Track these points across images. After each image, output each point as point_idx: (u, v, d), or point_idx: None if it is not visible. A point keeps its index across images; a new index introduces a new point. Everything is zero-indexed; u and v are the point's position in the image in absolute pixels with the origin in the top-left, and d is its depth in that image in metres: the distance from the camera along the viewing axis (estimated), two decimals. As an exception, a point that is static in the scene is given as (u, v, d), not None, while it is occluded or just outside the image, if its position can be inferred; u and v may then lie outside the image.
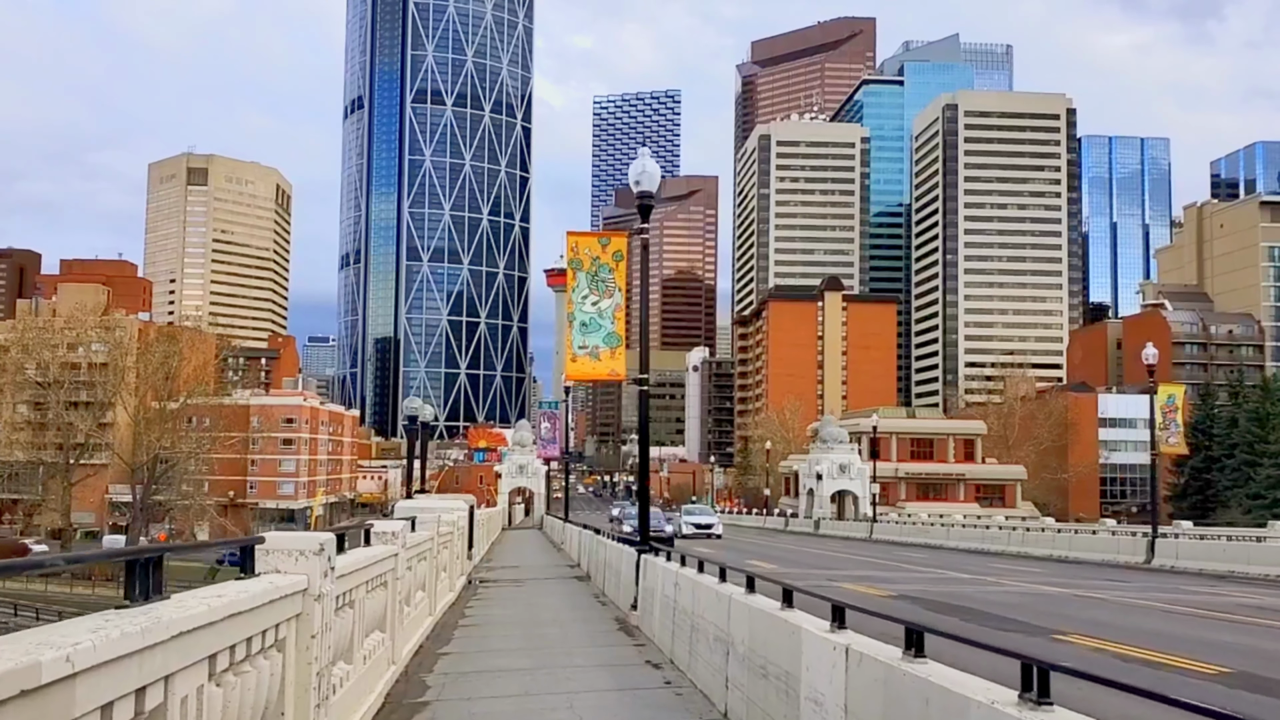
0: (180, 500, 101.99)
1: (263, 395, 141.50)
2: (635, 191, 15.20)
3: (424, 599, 14.22)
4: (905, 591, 20.31)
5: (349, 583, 7.66)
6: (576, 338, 15.76)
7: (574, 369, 16.08)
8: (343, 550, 8.53)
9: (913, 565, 30.88)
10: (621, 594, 17.35)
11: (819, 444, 70.52)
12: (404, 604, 11.55)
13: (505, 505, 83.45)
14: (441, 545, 17.67)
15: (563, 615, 17.29)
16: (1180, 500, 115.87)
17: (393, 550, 10.27)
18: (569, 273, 15.89)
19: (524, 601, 19.74)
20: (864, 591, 19.97)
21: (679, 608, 11.21)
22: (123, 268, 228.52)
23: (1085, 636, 13.64)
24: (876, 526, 53.92)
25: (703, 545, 37.41)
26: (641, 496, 16.42)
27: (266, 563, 6.15)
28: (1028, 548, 38.46)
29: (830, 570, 26.79)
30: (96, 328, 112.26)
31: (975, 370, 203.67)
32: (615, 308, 15.75)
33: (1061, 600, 19.80)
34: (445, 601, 17.99)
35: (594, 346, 15.77)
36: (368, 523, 10.63)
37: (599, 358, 15.80)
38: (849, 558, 34.21)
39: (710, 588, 9.69)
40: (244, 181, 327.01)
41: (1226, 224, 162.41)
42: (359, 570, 8.13)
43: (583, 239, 16.01)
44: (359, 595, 8.45)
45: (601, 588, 21.50)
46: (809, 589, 7.71)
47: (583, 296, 15.68)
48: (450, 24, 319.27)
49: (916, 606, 17.26)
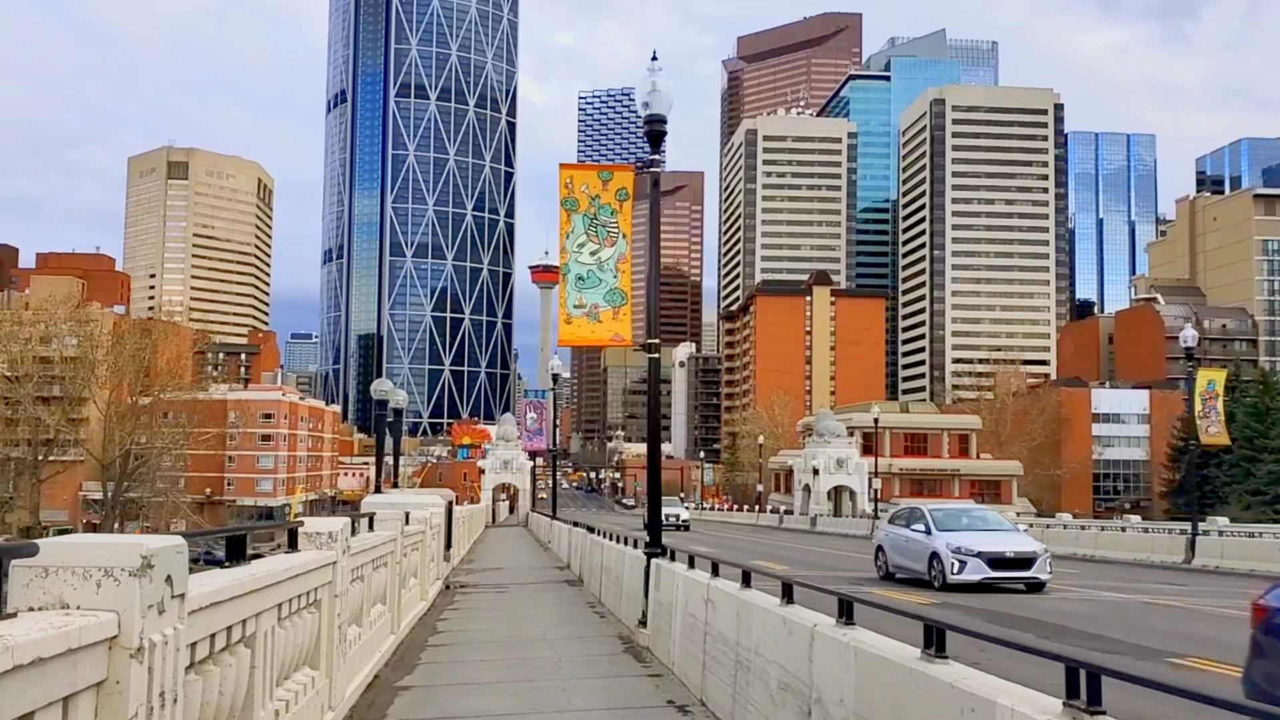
0: (154, 497, 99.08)
1: (240, 390, 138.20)
2: (644, 116, 12.52)
3: (383, 615, 11.48)
4: (947, 599, 17.66)
5: (218, 619, 4.84)
6: (571, 294, 12.93)
7: (569, 332, 13.21)
8: (241, 559, 5.80)
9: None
10: (624, 605, 14.70)
11: (815, 438, 68.00)
12: (348, 627, 8.79)
13: (489, 502, 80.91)
14: (410, 547, 14.92)
15: (554, 630, 14.50)
16: (1177, 496, 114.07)
17: (326, 558, 7.50)
18: (561, 215, 13.00)
19: (508, 612, 17.05)
20: (910, 601, 17.33)
21: (713, 633, 8.42)
22: (100, 261, 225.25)
23: (1208, 661, 11.00)
24: (878, 524, 51.23)
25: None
26: (652, 488, 13.58)
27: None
28: (1048, 546, 35.86)
29: (847, 572, 24.14)
30: (67, 320, 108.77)
31: (962, 366, 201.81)
32: (619, 258, 12.96)
33: (1136, 610, 17.17)
34: (416, 612, 15.25)
35: (592, 306, 12.99)
36: (297, 520, 7.85)
37: (598, 319, 13.00)
38: (862, 558, 31.48)
39: (772, 612, 6.89)
40: (225, 175, 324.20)
41: (1220, 217, 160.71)
42: (249, 595, 5.32)
43: (579, 173, 13.12)
44: (264, 626, 5.70)
45: (597, 594, 18.85)
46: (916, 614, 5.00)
47: (579, 244, 12.86)
48: (434, 18, 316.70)
49: (976, 618, 14.62)
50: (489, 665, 11.56)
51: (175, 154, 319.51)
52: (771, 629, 6.72)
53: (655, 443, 13.36)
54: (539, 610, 17.34)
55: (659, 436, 13.17)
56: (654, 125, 12.54)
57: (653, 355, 12.81)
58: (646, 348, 12.82)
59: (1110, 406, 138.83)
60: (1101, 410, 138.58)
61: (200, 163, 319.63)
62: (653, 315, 12.94)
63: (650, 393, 13.34)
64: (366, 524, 11.87)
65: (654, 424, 13.28)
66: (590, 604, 18.16)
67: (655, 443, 13.36)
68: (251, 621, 5.44)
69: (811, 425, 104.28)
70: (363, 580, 9.77)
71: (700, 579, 9.45)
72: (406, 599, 14.00)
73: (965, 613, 15.63)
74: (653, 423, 13.30)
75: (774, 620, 6.69)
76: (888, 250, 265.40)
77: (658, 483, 13.23)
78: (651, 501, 13.77)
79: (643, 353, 12.63)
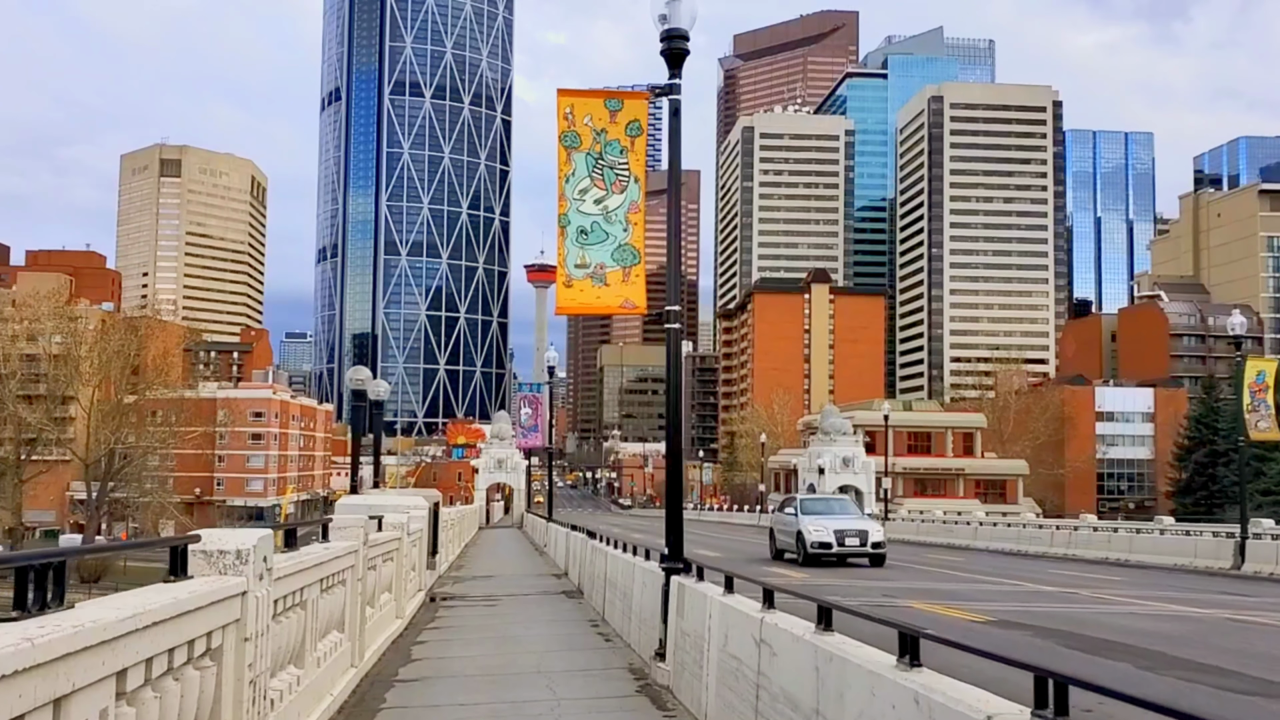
0: (140, 498, 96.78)
1: (229, 388, 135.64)
2: (662, 32, 10.24)
3: (339, 646, 9.20)
4: (1002, 615, 15.40)
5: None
6: (572, 252, 10.45)
7: (569, 298, 10.57)
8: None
9: (965, 572, 25.96)
10: (635, 628, 12.40)
11: (820, 436, 65.64)
12: (278, 674, 6.50)
13: (483, 502, 78.66)
14: (382, 558, 12.66)
15: (551, 659, 12.09)
16: (1184, 497, 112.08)
17: (228, 587, 5.22)
18: (560, 154, 10.51)
19: (497, 633, 14.76)
20: (955, 616, 15.10)
21: (772, 689, 5.96)
22: (90, 258, 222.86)
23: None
24: (889, 525, 49.07)
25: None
26: (671, 486, 11.18)
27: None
28: (1076, 550, 33.65)
29: (875, 582, 21.84)
30: (52, 316, 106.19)
31: (961, 365, 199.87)
32: (630, 207, 10.49)
33: (1227, 629, 14.89)
34: (388, 634, 12.96)
35: (597, 265, 10.50)
36: (192, 535, 5.57)
37: (605, 281, 10.49)
38: (890, 563, 29.23)
39: (901, 685, 4.33)
40: (218, 173, 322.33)
41: (1224, 213, 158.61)
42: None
43: (581, 101, 10.43)
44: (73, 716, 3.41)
45: (600, 610, 16.55)
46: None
47: (580, 190, 10.39)
48: (429, 15, 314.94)
49: (1048, 641, 12.39)
50: (470, 711, 9.19)
51: (168, 151, 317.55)
52: (905, 710, 4.27)
53: (677, 430, 11.00)
54: (534, 630, 15.04)
55: (680, 422, 10.83)
56: (674, 43, 10.28)
57: (672, 325, 10.49)
58: (665, 316, 10.50)
59: (1114, 405, 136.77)
60: (1105, 409, 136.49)
61: (193, 160, 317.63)
62: (674, 277, 10.62)
63: (670, 372, 10.91)
64: (320, 533, 9.60)
65: (675, 409, 10.94)
66: (592, 622, 15.88)
67: (677, 430, 11.00)
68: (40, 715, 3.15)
69: (813, 423, 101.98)
70: (304, 608, 7.51)
71: (746, 610, 7.09)
72: (375, 621, 11.72)
73: (1020, 630, 13.39)
74: (673, 407, 10.94)
75: (902, 698, 4.30)
76: (885, 249, 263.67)
77: (679, 480, 10.83)
78: (671, 501, 11.11)
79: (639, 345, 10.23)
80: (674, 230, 10.77)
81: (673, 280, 10.53)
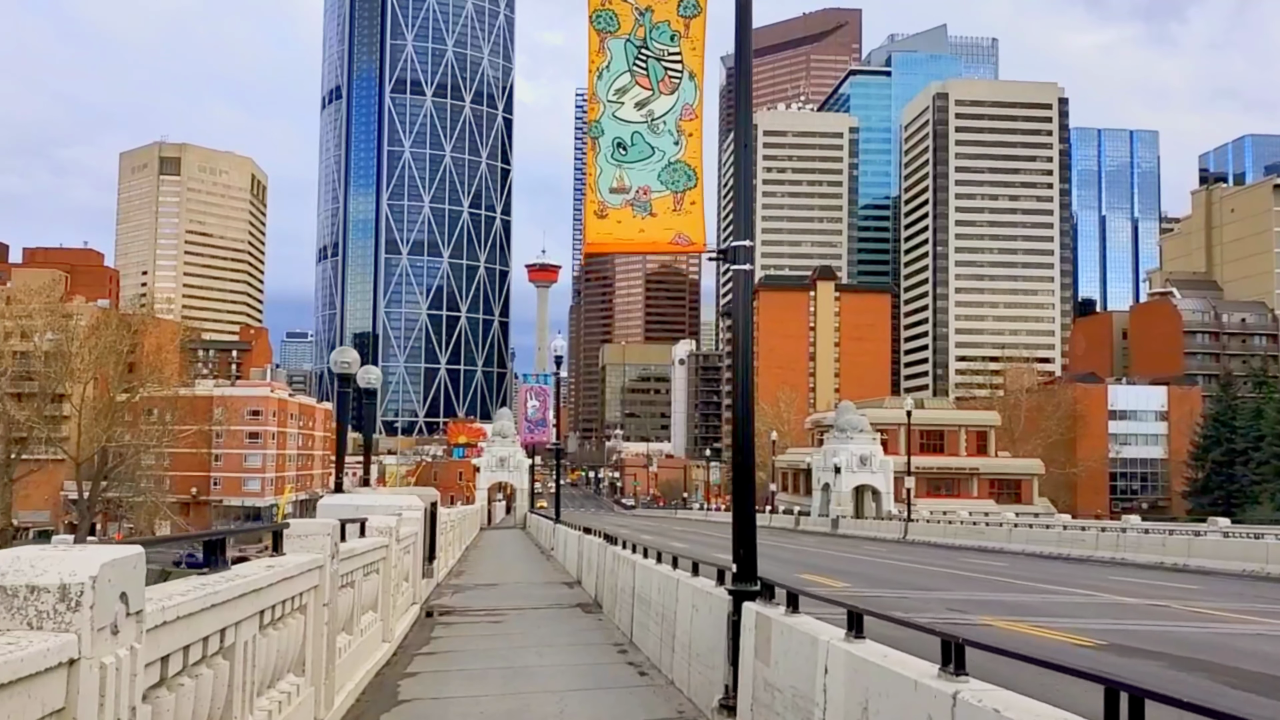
0: (133, 497, 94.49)
1: (226, 386, 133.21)
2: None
3: (296, 697, 6.71)
4: (1103, 635, 12.94)
5: None
6: (606, 172, 7.93)
7: (601, 232, 7.98)
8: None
9: (1020, 580, 23.39)
10: (681, 661, 9.78)
11: (835, 434, 63.11)
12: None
13: (484, 502, 76.13)
14: (363, 570, 10.16)
15: (577, 705, 9.38)
16: (1200, 496, 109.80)
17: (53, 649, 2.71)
18: (590, 40, 7.93)
19: (504, 660, 12.21)
20: (1050, 637, 12.63)
21: None
22: (88, 256, 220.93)
23: None
24: (911, 526, 46.66)
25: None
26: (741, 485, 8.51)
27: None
28: (1124, 553, 31.13)
29: (929, 593, 19.33)
30: (44, 312, 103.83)
31: (966, 364, 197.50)
32: (683, 113, 7.84)
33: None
34: (369, 668, 10.37)
35: (639, 190, 7.94)
36: None
37: (650, 210, 7.93)
38: (921, 568, 26.74)
39: None
40: (218, 171, 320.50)
41: (1238, 209, 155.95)
42: None
43: None
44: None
45: (627, 631, 13.95)
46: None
47: (618, 89, 7.84)
48: (430, 13, 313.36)
49: (1197, 676, 9.92)
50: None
51: (167, 149, 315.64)
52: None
53: (748, 405, 8.36)
54: (548, 658, 12.43)
55: (752, 400, 8.17)
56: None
57: (741, 266, 7.88)
58: (726, 255, 7.91)
59: (1127, 403, 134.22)
60: (1118, 407, 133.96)
61: (193, 158, 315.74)
62: (745, 205, 8.01)
63: (739, 334, 8.18)
64: (272, 543, 7.10)
65: (745, 375, 8.33)
66: (619, 647, 13.24)
67: (748, 405, 8.36)
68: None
69: (822, 421, 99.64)
70: (228, 656, 5.04)
71: (902, 671, 4.59)
72: (352, 654, 9.21)
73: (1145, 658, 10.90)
74: (743, 371, 8.31)
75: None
76: (889, 247, 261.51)
77: (750, 475, 8.18)
78: (740, 501, 8.29)
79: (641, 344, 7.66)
80: (743, 136, 8.24)
81: (743, 208, 8.01)
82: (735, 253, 7.74)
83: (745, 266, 7.81)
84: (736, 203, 8.05)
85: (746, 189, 8.04)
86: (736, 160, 8.13)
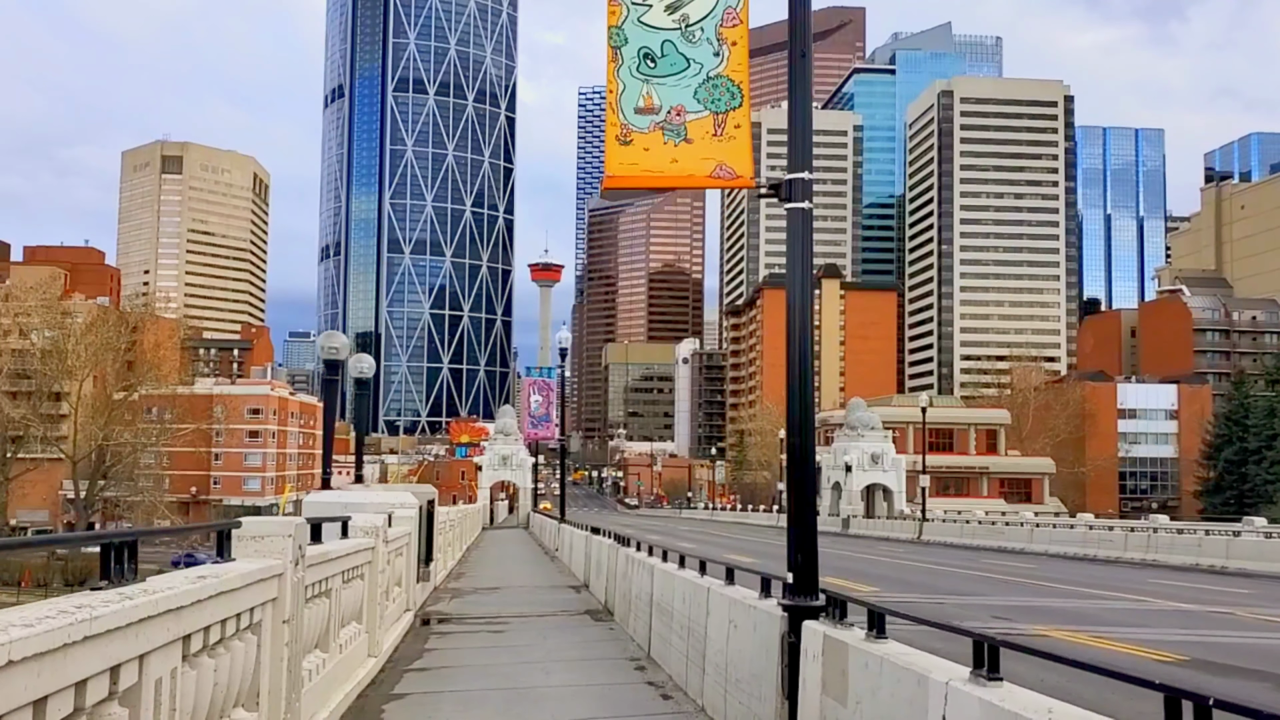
0: (131, 496, 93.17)
1: (226, 384, 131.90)
2: None
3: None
4: (1181, 648, 11.59)
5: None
6: (630, 88, 6.52)
7: (625, 161, 6.53)
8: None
9: (1059, 584, 21.91)
10: (714, 684, 8.26)
11: (846, 431, 61.74)
12: None
13: (486, 501, 74.77)
14: (343, 577, 8.81)
15: None
16: (1213, 495, 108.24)
17: None
18: None
19: (506, 679, 10.62)
20: (1127, 652, 11.30)
21: None
22: (88, 254, 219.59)
23: None
24: (926, 526, 45.32)
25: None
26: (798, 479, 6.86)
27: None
28: (1157, 554, 29.78)
29: (966, 598, 17.99)
30: (41, 310, 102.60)
31: (971, 363, 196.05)
32: (725, 17, 6.49)
33: None
34: (348, 690, 8.84)
35: (672, 110, 6.50)
36: None
37: (685, 135, 6.48)
38: (946, 570, 25.38)
39: None
40: (220, 170, 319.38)
41: (1248, 205, 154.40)
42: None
43: None
44: None
45: (644, 644, 12.43)
46: None
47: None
48: (433, 11, 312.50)
49: None
50: None
51: (169, 148, 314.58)
52: None
53: (806, 380, 6.90)
54: (556, 676, 10.93)
55: (810, 370, 6.69)
56: None
57: (798, 205, 6.50)
58: (779, 191, 6.52)
59: (1136, 402, 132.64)
60: (1127, 406, 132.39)
61: (195, 157, 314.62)
62: (803, 133, 6.63)
63: (795, 272, 6.76)
64: (217, 547, 5.75)
65: (803, 345, 6.87)
66: (635, 663, 11.75)
67: (806, 380, 6.90)
68: None
69: (828, 420, 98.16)
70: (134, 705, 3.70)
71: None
72: (325, 677, 7.80)
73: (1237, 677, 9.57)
74: (799, 341, 6.87)
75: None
76: (893, 246, 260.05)
77: (809, 468, 6.62)
78: (800, 499, 6.77)
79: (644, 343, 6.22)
80: (799, 43, 6.82)
81: (800, 135, 6.63)
82: (791, 187, 6.36)
83: (803, 204, 6.42)
84: (792, 128, 6.68)
85: (805, 112, 6.70)
86: (791, 76, 6.76)
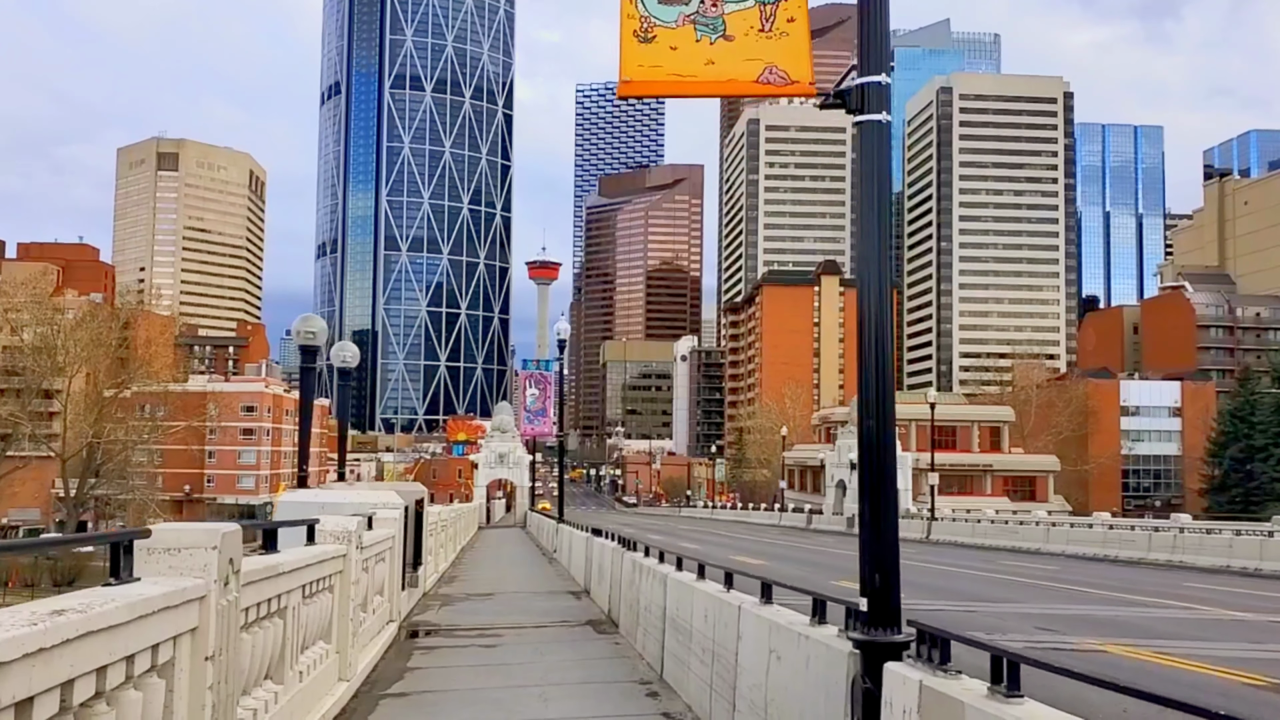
0: (123, 494, 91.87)
1: (220, 381, 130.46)
2: None
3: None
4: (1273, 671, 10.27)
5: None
6: None
7: (646, 61, 5.14)
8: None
9: (1091, 589, 20.55)
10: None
11: (850, 429, 60.47)
12: None
13: (483, 500, 73.53)
14: (304, 592, 7.47)
15: None
16: (1218, 493, 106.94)
17: None
18: None
19: (497, 711, 9.07)
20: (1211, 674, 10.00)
21: None
22: (83, 251, 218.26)
23: None
24: (935, 525, 44.05)
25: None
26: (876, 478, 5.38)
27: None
28: (1183, 556, 28.50)
29: (997, 604, 16.65)
30: (31, 305, 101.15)
31: (970, 360, 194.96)
32: None
33: None
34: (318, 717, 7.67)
35: (704, 4, 5.17)
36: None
37: (725, 31, 5.19)
38: (965, 572, 24.07)
39: None
40: (216, 167, 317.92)
41: (1252, 201, 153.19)
42: None
43: None
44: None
45: (654, 663, 10.94)
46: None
47: None
48: (430, 8, 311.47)
49: None
50: None
51: (165, 145, 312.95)
52: None
53: (884, 348, 5.43)
54: (556, 706, 9.48)
55: (890, 347, 5.25)
56: None
57: (873, 117, 5.20)
58: (847, 100, 5.18)
59: (1139, 399, 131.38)
60: (1130, 403, 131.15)
61: (190, 154, 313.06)
62: (876, 31, 5.28)
63: (872, 192, 5.33)
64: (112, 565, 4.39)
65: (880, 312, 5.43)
66: (646, 686, 10.27)
67: (884, 348, 5.43)
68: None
69: (830, 417, 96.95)
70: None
71: None
72: (279, 713, 6.43)
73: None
74: (876, 306, 5.45)
75: None
76: (893, 242, 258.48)
77: (890, 463, 4.98)
78: (877, 503, 5.56)
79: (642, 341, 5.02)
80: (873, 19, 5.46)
81: (874, 33, 5.29)
82: (863, 94, 5.06)
83: (879, 115, 5.13)
84: (863, 22, 5.34)
85: (881, 5, 5.37)
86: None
